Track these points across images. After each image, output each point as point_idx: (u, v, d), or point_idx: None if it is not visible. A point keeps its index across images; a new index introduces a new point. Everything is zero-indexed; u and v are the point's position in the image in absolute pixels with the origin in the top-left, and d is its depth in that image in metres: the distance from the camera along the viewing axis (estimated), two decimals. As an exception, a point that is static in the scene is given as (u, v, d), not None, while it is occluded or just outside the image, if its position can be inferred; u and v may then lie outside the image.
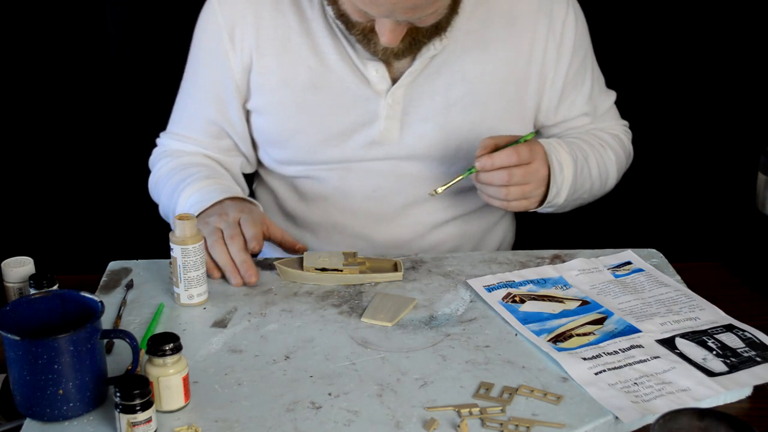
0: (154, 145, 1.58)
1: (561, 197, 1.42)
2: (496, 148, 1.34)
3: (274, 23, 1.43)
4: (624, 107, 1.64)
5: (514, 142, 1.35)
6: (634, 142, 1.63)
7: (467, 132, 1.44)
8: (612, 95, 1.60)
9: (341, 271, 1.30)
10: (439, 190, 1.35)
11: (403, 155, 1.46)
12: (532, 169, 1.34)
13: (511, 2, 1.44)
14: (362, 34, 1.32)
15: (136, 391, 0.96)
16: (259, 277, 1.30)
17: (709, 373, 1.10)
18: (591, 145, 1.51)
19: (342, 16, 1.33)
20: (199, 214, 1.36)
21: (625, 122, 1.63)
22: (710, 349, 1.15)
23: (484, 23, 1.43)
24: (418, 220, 1.51)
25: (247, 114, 1.50)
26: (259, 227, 1.33)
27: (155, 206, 1.55)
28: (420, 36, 1.32)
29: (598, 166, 1.49)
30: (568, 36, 1.47)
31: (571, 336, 1.18)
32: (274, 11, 1.43)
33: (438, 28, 1.33)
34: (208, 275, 1.30)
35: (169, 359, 1.02)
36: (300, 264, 1.32)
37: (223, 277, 1.31)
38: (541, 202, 1.40)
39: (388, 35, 1.28)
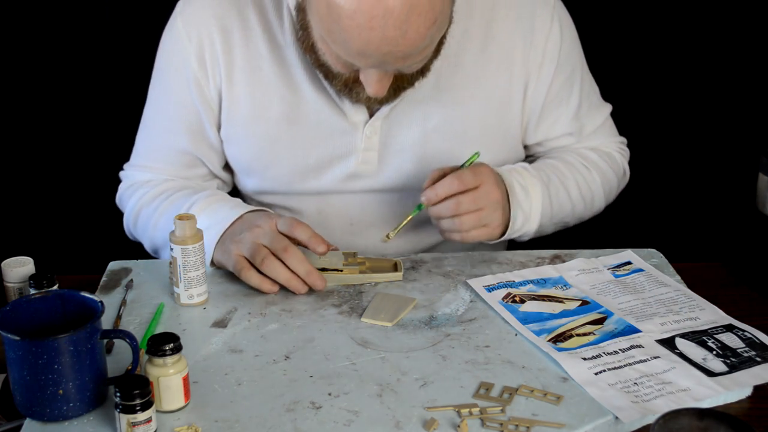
0: None
1: (533, 223, 1.36)
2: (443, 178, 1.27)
3: (244, 51, 1.36)
4: (624, 108, 1.64)
5: (459, 168, 1.28)
6: (635, 143, 1.61)
7: (446, 161, 1.34)
8: (606, 109, 1.52)
9: (341, 271, 1.30)
10: (391, 234, 1.32)
11: (381, 187, 1.42)
12: (481, 192, 1.27)
13: (488, 20, 1.37)
14: (344, 84, 1.25)
15: (136, 391, 0.96)
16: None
17: (709, 373, 1.10)
18: (571, 166, 1.44)
19: (322, 66, 1.26)
20: (220, 237, 1.29)
21: (623, 139, 1.55)
22: (710, 349, 1.15)
23: (461, 45, 1.36)
24: (401, 250, 1.46)
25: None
26: (306, 225, 1.26)
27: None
28: (405, 83, 1.26)
29: (579, 187, 1.43)
30: (552, 51, 1.40)
31: (571, 336, 1.18)
32: (243, 38, 1.35)
33: (423, 71, 1.26)
34: (260, 290, 1.25)
35: (169, 359, 1.02)
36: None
37: (282, 288, 1.26)
38: (505, 229, 1.33)
39: (375, 86, 1.20)
